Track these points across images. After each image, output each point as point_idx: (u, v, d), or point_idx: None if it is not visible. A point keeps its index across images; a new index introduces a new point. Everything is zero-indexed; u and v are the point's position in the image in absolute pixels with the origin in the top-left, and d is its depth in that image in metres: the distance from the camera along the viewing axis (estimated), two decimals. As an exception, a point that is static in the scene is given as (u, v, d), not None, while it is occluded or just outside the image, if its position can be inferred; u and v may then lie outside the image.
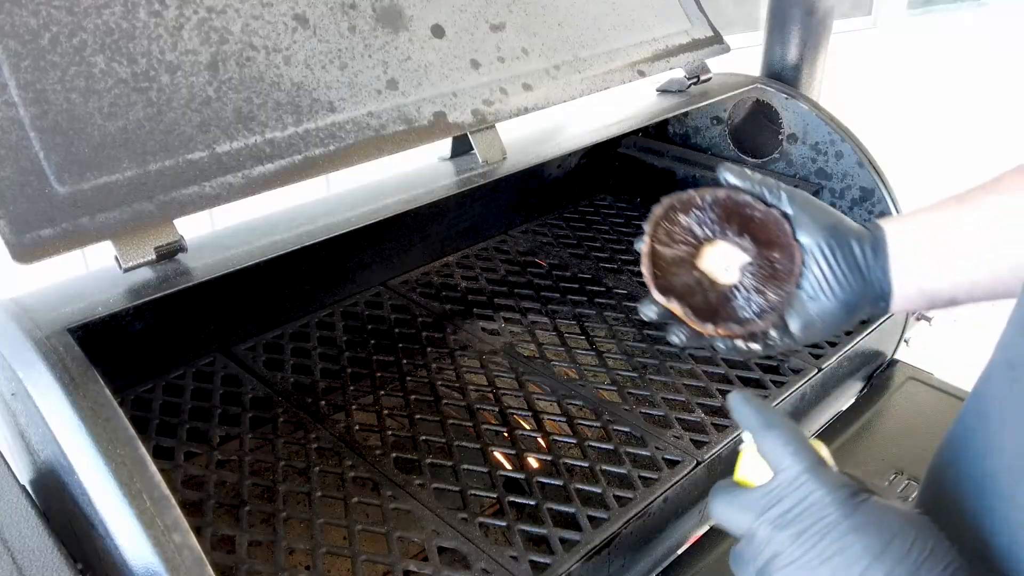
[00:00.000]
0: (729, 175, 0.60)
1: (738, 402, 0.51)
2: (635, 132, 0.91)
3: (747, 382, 0.92)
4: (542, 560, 0.68)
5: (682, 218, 0.60)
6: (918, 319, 1.10)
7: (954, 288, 0.59)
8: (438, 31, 0.78)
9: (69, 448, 0.51)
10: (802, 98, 1.11)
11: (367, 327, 1.04)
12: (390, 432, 0.85)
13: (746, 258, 0.59)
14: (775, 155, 1.15)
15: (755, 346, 0.59)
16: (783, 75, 1.16)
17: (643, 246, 0.59)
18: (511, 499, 0.75)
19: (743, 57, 1.20)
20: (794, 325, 0.59)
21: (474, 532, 0.71)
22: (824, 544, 0.44)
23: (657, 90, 1.06)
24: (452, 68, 0.77)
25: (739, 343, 0.59)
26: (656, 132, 1.28)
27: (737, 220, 0.59)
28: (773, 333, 0.59)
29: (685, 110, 0.99)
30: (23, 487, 0.60)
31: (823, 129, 1.09)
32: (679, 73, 1.02)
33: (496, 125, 0.79)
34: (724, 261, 0.59)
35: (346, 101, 0.70)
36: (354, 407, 0.89)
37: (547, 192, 1.28)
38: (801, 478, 0.46)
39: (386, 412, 0.88)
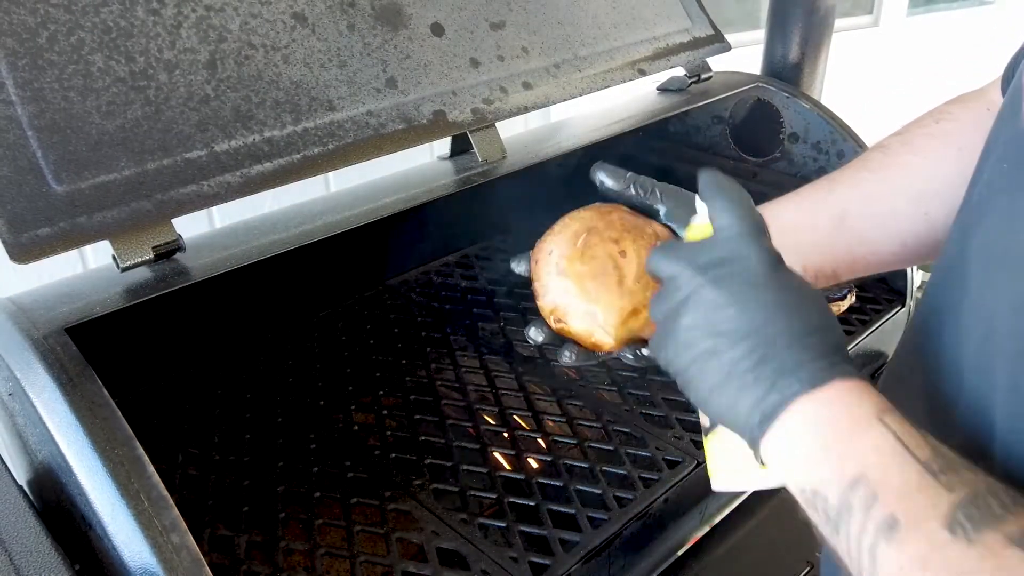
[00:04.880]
0: (602, 174, 0.61)
1: (703, 172, 0.52)
2: (635, 131, 0.90)
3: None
4: (542, 561, 0.68)
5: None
6: (919, 319, 1.10)
7: (835, 264, 0.62)
8: (437, 29, 0.78)
9: (67, 448, 0.50)
10: (803, 97, 1.10)
11: (367, 327, 1.03)
12: (390, 432, 0.85)
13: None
14: (776, 154, 1.15)
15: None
16: (784, 74, 1.15)
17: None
18: (511, 500, 0.75)
19: (744, 56, 1.20)
20: None
21: (474, 533, 0.71)
22: (739, 288, 0.45)
23: (657, 89, 1.05)
24: (452, 67, 0.77)
25: (639, 351, 0.58)
26: (656, 131, 1.28)
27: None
28: None
29: (686, 109, 0.98)
30: (21, 487, 0.59)
31: (824, 128, 1.09)
32: (680, 72, 1.02)
33: (496, 124, 0.78)
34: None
35: (345, 100, 0.70)
36: (354, 407, 0.89)
37: (547, 192, 1.28)
38: (738, 237, 0.47)
39: (386, 412, 0.88)
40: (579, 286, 0.56)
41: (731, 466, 0.50)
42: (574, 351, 0.57)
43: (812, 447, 0.41)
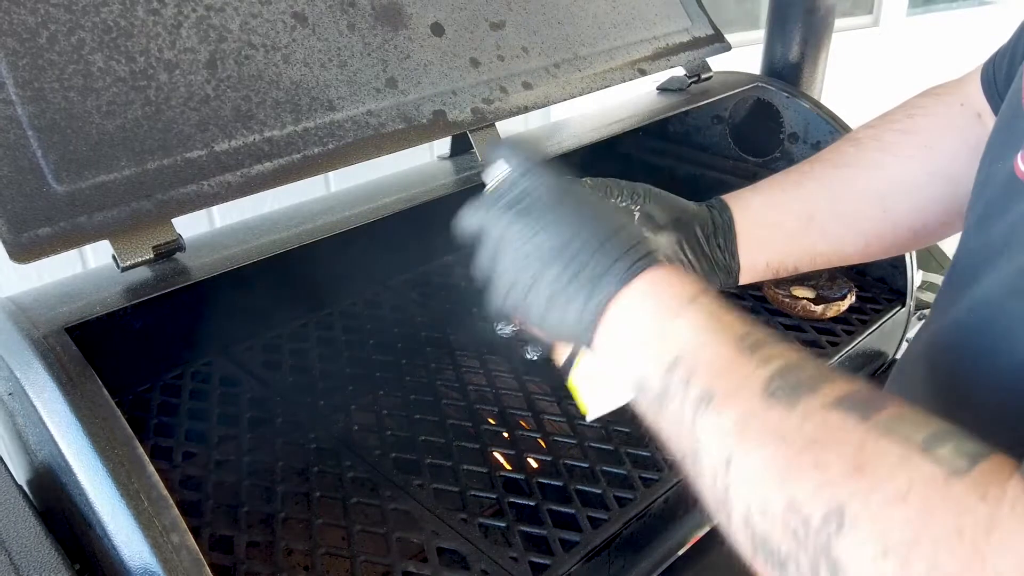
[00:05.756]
0: None
1: (487, 143, 0.55)
2: (635, 131, 0.90)
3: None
4: (542, 561, 0.68)
5: None
6: (919, 319, 1.10)
7: (797, 260, 0.64)
8: (437, 29, 0.78)
9: (67, 448, 0.50)
10: (803, 97, 1.10)
11: (366, 327, 1.03)
12: (389, 432, 0.85)
13: None
14: (776, 154, 1.15)
15: None
16: (784, 73, 1.15)
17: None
18: (511, 500, 0.75)
19: (744, 55, 1.20)
20: None
21: (474, 533, 0.71)
22: (540, 214, 0.47)
23: (657, 88, 1.05)
24: (452, 66, 0.77)
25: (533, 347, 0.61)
26: (656, 131, 1.28)
27: None
28: None
29: (685, 109, 0.98)
30: (20, 487, 0.59)
31: (824, 128, 1.09)
32: (679, 71, 1.02)
33: (496, 124, 0.78)
34: None
35: (345, 100, 0.70)
36: (353, 407, 0.89)
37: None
38: (526, 172, 0.50)
39: (385, 412, 0.88)
40: None
41: (595, 392, 0.52)
42: (539, 347, 0.61)
43: (634, 337, 0.43)
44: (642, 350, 0.43)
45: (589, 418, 0.54)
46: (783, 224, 0.64)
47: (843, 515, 0.31)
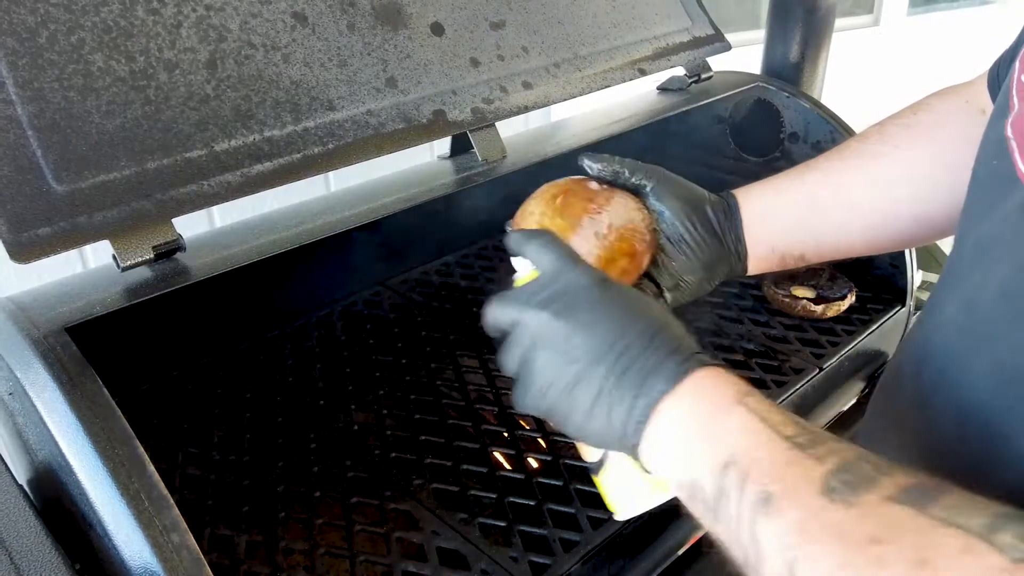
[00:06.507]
0: (588, 160, 0.65)
1: (507, 236, 0.55)
2: (635, 131, 0.90)
3: (748, 381, 0.92)
4: (542, 561, 0.68)
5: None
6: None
7: (803, 247, 0.65)
8: (437, 29, 0.78)
9: (67, 447, 0.50)
10: (803, 96, 1.10)
11: (367, 327, 1.03)
12: (390, 432, 0.85)
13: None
14: (776, 154, 1.15)
15: None
16: (784, 73, 1.15)
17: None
18: (511, 500, 0.75)
19: (744, 55, 1.20)
20: (665, 283, 0.63)
21: (474, 533, 0.71)
22: (580, 313, 0.46)
23: (657, 88, 1.05)
24: (452, 66, 0.77)
25: None
26: (656, 131, 1.27)
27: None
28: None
29: (686, 109, 0.98)
30: (21, 487, 0.59)
31: (824, 127, 1.09)
32: (680, 71, 1.02)
33: (496, 123, 0.78)
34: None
35: (345, 99, 0.70)
36: (354, 407, 0.89)
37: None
38: (564, 269, 0.49)
39: (386, 412, 0.88)
40: (561, 238, 0.60)
41: (627, 493, 0.51)
42: None
43: (683, 441, 0.42)
44: (693, 452, 0.42)
45: (619, 518, 0.53)
46: (787, 209, 0.65)
47: None
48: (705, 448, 0.41)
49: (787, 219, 0.65)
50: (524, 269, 0.55)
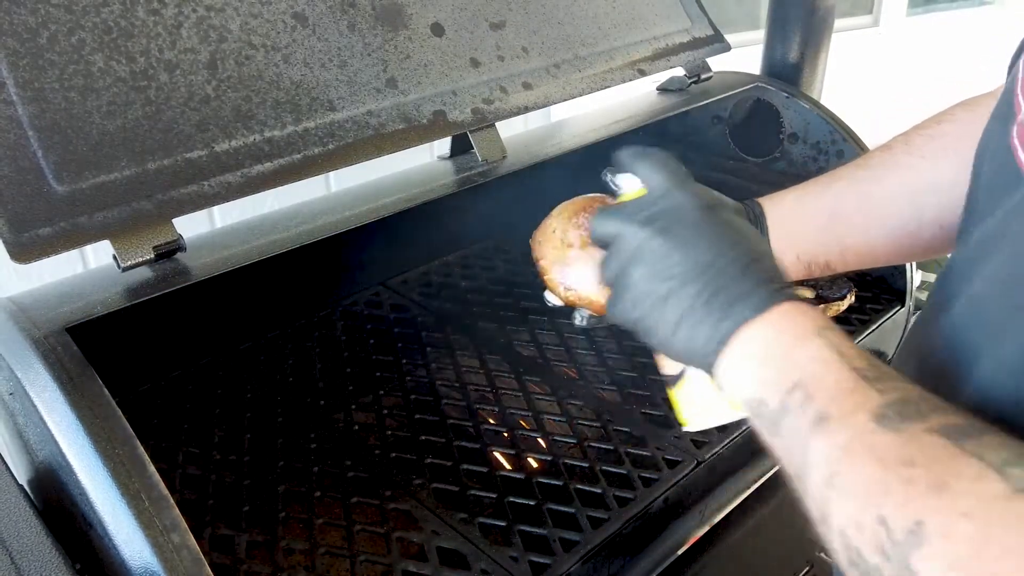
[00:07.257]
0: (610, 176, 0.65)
1: (620, 152, 0.56)
2: (635, 131, 0.90)
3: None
4: (542, 560, 0.68)
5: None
6: (919, 319, 1.10)
7: (828, 255, 0.65)
8: (438, 29, 0.78)
9: (67, 447, 0.50)
10: (803, 97, 1.11)
11: (367, 327, 1.04)
12: (390, 432, 0.85)
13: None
14: (776, 154, 1.15)
15: None
16: (784, 74, 1.15)
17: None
18: (511, 500, 0.75)
19: (744, 56, 1.20)
20: None
21: (474, 532, 0.71)
22: (681, 233, 0.48)
23: (657, 89, 1.05)
24: (452, 67, 0.77)
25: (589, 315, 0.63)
26: (656, 131, 1.28)
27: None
28: None
29: (686, 109, 0.98)
30: (21, 487, 0.59)
31: (824, 128, 1.09)
32: (679, 72, 1.02)
33: (496, 124, 0.79)
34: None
35: (345, 100, 0.70)
36: (354, 407, 0.89)
37: (547, 191, 1.28)
38: (671, 189, 0.51)
39: (386, 412, 0.88)
40: (584, 255, 0.61)
41: (699, 408, 0.54)
42: (585, 314, 0.62)
43: (759, 364, 0.45)
44: (766, 373, 0.44)
45: (688, 430, 0.56)
46: (813, 218, 0.65)
47: (922, 531, 0.32)
48: (777, 369, 0.43)
49: (813, 228, 0.65)
50: (630, 186, 0.56)
